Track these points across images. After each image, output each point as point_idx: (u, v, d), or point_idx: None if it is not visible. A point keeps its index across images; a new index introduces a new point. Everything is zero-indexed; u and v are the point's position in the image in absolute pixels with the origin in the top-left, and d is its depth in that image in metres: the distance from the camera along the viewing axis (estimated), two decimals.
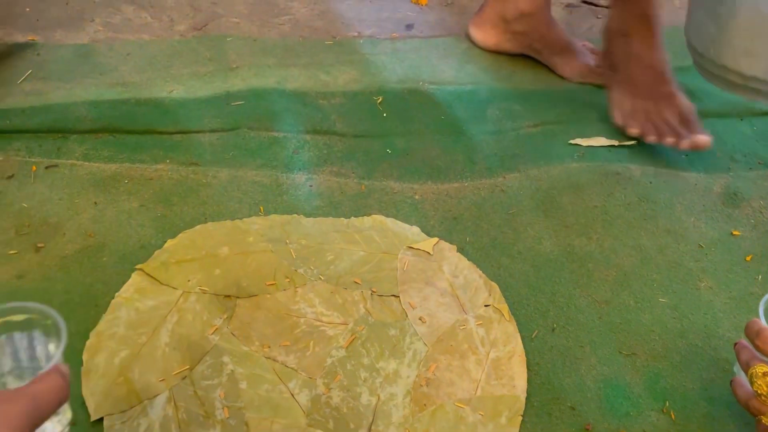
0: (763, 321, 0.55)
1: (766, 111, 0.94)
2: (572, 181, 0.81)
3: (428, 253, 0.72)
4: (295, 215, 0.74)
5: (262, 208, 0.75)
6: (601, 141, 0.87)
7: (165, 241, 0.68)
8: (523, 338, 0.64)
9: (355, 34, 1.06)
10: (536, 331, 0.65)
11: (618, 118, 0.89)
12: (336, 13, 1.10)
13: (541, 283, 0.69)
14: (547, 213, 0.77)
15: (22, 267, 0.64)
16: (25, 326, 0.46)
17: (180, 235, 0.69)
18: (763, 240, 0.74)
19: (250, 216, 0.73)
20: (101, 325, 0.59)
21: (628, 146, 0.87)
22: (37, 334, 0.47)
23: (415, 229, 0.75)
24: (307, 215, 0.74)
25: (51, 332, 0.46)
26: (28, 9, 0.96)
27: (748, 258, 0.72)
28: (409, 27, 1.09)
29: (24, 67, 0.87)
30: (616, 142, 0.87)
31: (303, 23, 1.06)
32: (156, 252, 0.67)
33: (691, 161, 0.85)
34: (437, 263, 0.71)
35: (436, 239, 0.73)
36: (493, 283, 0.69)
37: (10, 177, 0.72)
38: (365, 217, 0.76)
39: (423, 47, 1.04)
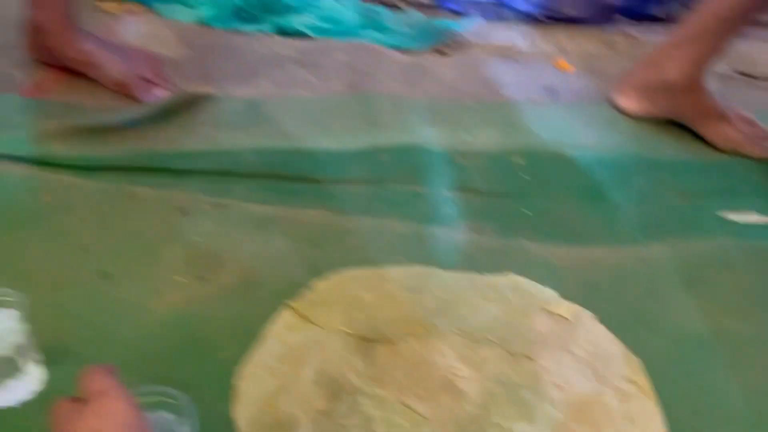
0: None
1: None
2: (724, 258, 0.78)
3: (565, 318, 0.71)
4: (435, 268, 0.77)
5: (402, 257, 0.78)
6: (755, 217, 0.83)
7: (313, 281, 0.73)
8: (663, 419, 0.61)
9: (499, 97, 1.09)
10: (677, 413, 0.61)
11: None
12: (481, 77, 1.14)
13: (685, 363, 0.66)
14: (697, 290, 0.74)
15: (189, 295, 0.71)
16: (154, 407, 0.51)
17: (327, 276, 0.73)
18: None
19: (390, 264, 0.77)
20: (254, 355, 0.64)
21: None
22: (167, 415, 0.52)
23: (552, 293, 0.74)
24: (445, 268, 0.77)
25: (182, 413, 0.51)
26: (210, 66, 1.08)
27: None
28: (553, 92, 1.11)
29: (202, 115, 0.98)
30: None
31: (449, 85, 1.11)
32: (305, 291, 0.72)
33: None
34: (574, 330, 0.70)
35: (573, 305, 0.72)
36: (633, 357, 0.66)
37: (186, 213, 0.81)
38: (501, 275, 0.77)
39: (566, 113, 1.05)
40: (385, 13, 1.34)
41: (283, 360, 0.64)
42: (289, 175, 0.88)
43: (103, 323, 0.67)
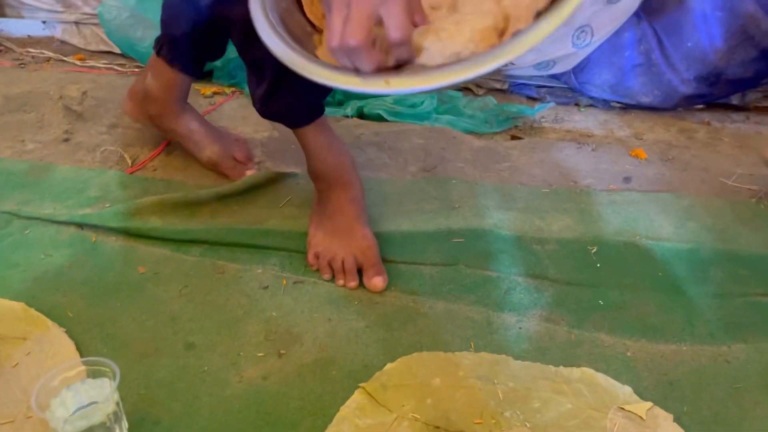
0: None
1: None
2: None
3: (641, 417, 0.69)
4: (504, 356, 0.77)
5: (473, 344, 0.79)
6: None
7: (385, 364, 0.74)
8: None
9: (572, 183, 1.10)
10: None
11: None
12: (554, 162, 1.16)
13: None
14: None
15: (267, 369, 0.74)
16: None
17: (399, 359, 0.75)
18: None
19: (461, 350, 0.77)
20: None
21: None
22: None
23: (628, 389, 0.73)
24: (515, 357, 0.77)
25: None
26: (293, 146, 1.15)
27: None
28: (627, 180, 1.11)
29: (285, 194, 1.04)
30: None
31: (521, 170, 1.13)
32: (377, 373, 0.73)
33: None
34: (651, 430, 0.68)
35: (650, 404, 0.70)
36: None
37: (265, 288, 0.86)
38: (574, 368, 0.76)
39: (641, 201, 1.04)
40: (459, 98, 1.40)
41: None
42: None
43: (187, 394, 0.70)
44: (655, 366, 0.76)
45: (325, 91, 0.93)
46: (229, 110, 1.27)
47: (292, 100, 0.87)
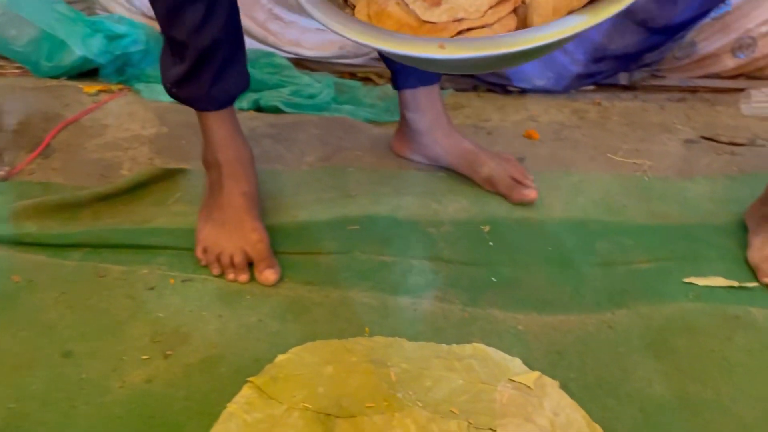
0: None
1: None
2: (687, 323, 0.78)
3: (529, 387, 0.71)
4: (398, 338, 0.77)
5: (367, 329, 0.78)
6: (720, 281, 0.84)
7: (276, 356, 0.73)
8: None
9: None
10: None
11: (753, 259, 0.86)
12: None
13: (649, 430, 0.66)
14: (659, 355, 0.74)
15: (151, 372, 0.71)
16: None
17: (290, 350, 0.73)
18: None
19: (356, 336, 0.77)
20: None
21: (749, 288, 0.82)
22: None
23: (517, 361, 0.74)
24: (410, 339, 0.77)
25: None
26: (183, 142, 1.12)
27: None
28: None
29: (174, 191, 1.00)
30: (736, 283, 0.83)
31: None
32: (267, 366, 0.71)
33: None
34: (538, 399, 0.69)
35: (537, 373, 0.72)
36: (596, 425, 0.66)
37: (152, 288, 0.82)
38: (466, 344, 0.77)
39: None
40: (359, 87, 1.40)
41: None
42: None
43: (62, 404, 0.66)
44: (544, 337, 0.78)
45: (244, 82, 0.90)
46: (115, 107, 1.22)
47: (207, 86, 0.85)
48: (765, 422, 0.65)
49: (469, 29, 0.57)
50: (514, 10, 0.57)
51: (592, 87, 1.47)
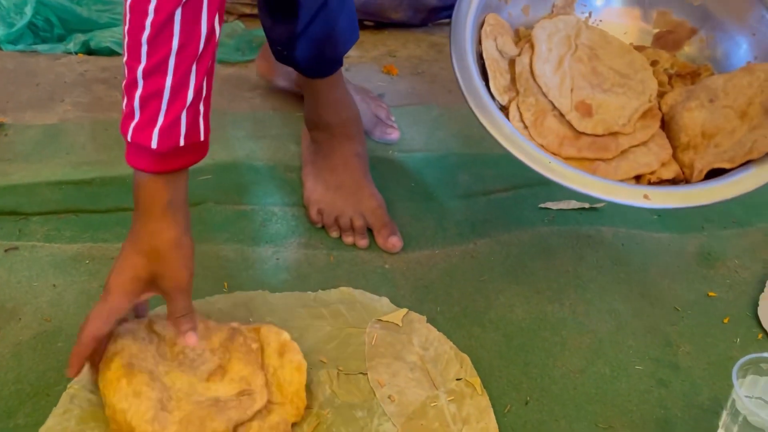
0: (737, 389, 0.53)
1: None
2: (543, 246, 0.80)
3: (397, 325, 0.70)
4: (261, 291, 0.72)
5: (226, 284, 0.73)
6: (572, 204, 0.87)
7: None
8: (496, 413, 0.61)
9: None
10: (509, 405, 0.62)
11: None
12: None
13: (513, 354, 0.67)
14: (519, 279, 0.76)
15: None
16: None
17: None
18: (739, 301, 0.73)
19: (213, 294, 0.71)
20: (51, 420, 0.56)
21: (599, 209, 0.86)
22: None
23: (384, 301, 0.73)
24: (274, 290, 0.73)
25: None
26: (1, 93, 0.97)
27: (725, 320, 0.70)
28: (380, 96, 1.10)
29: None
30: (587, 205, 0.87)
31: (274, 96, 1.07)
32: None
33: (663, 221, 0.84)
34: (407, 336, 0.69)
35: (405, 310, 0.71)
36: (464, 355, 0.66)
37: None
38: (333, 289, 0.74)
39: (394, 115, 1.04)
40: None
41: (87, 421, 0.57)
42: (95, 208, 0.80)
43: None
44: (411, 273, 0.77)
45: (351, 42, 0.82)
46: None
47: (318, 50, 0.77)
48: (616, 334, 0.69)
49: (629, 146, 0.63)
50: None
51: (448, 20, 1.45)
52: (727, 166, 0.60)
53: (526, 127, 0.65)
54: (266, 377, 0.60)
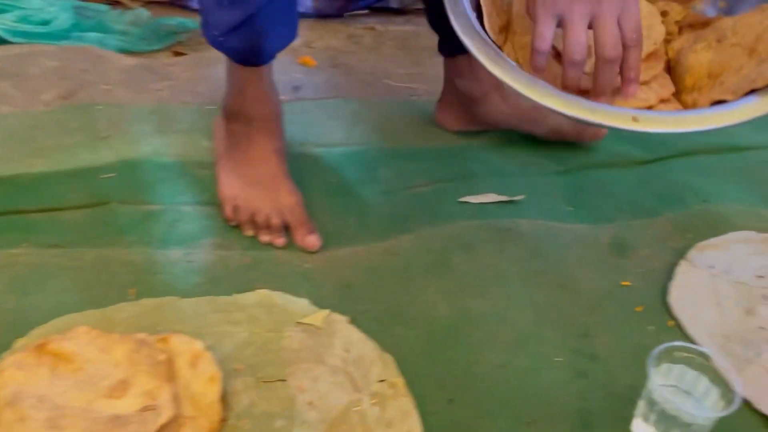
0: (652, 377, 0.54)
1: (649, 160, 0.98)
2: (464, 240, 0.80)
3: (318, 327, 0.67)
4: (171, 297, 0.68)
5: (132, 291, 0.68)
6: (491, 197, 0.87)
7: (14, 341, 0.60)
8: (420, 413, 0.60)
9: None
10: (433, 405, 0.61)
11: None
12: (219, 77, 1.05)
13: (437, 351, 0.66)
14: (441, 275, 0.75)
15: None
16: None
17: (31, 332, 0.61)
18: (652, 289, 0.75)
19: (118, 302, 0.66)
20: None
21: (517, 201, 0.87)
22: None
23: (304, 302, 0.70)
24: (185, 296, 0.68)
25: None
26: None
27: (638, 309, 0.72)
28: (296, 89, 1.07)
29: None
30: (506, 198, 0.87)
31: (184, 88, 1.01)
32: (4, 354, 0.58)
33: (578, 213, 0.86)
34: (328, 338, 0.66)
35: (326, 311, 0.69)
36: (387, 356, 0.65)
37: None
38: (249, 292, 0.70)
39: (311, 109, 1.02)
40: (106, 12, 1.20)
41: None
42: None
43: None
44: (332, 272, 0.75)
45: (292, 37, 0.78)
46: None
47: (259, 39, 0.74)
48: (536, 326, 0.69)
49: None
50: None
51: (365, 11, 1.43)
52: (729, 98, 0.56)
53: (520, 66, 0.61)
54: (176, 390, 0.56)
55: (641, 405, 0.57)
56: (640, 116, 0.56)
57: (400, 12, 1.46)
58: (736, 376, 0.54)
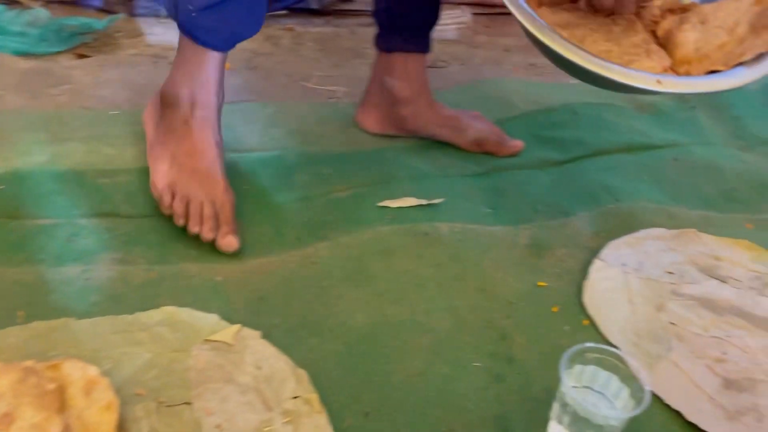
0: (565, 380, 0.53)
1: (564, 160, 0.99)
2: (382, 246, 0.78)
3: (228, 344, 0.64)
4: (65, 319, 0.63)
5: (22, 313, 0.63)
6: (410, 201, 0.86)
7: None
8: (335, 429, 0.57)
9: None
10: (349, 420, 0.59)
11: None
12: (126, 81, 1.01)
13: (353, 363, 0.64)
14: (359, 283, 0.73)
15: None
16: None
17: None
18: (567, 289, 0.75)
19: (5, 327, 0.61)
20: None
21: (437, 204, 0.86)
22: None
23: (213, 318, 0.67)
24: (82, 316, 0.64)
25: None
26: None
27: (554, 309, 0.72)
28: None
29: None
30: (425, 201, 0.86)
31: (85, 92, 0.95)
32: None
33: (497, 215, 0.86)
34: (239, 355, 0.63)
35: (237, 326, 0.66)
36: (301, 371, 0.62)
37: None
38: (153, 310, 0.66)
39: (225, 113, 0.96)
40: (2, 13, 1.12)
41: None
42: None
43: None
44: (245, 284, 0.71)
45: (257, 28, 0.80)
46: None
47: (231, 23, 0.76)
48: (454, 331, 0.68)
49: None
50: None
51: (284, 12, 1.40)
52: (722, 68, 0.67)
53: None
54: (68, 421, 0.52)
55: (555, 408, 0.56)
56: (663, 79, 0.64)
57: (319, 13, 1.43)
58: (645, 375, 0.54)
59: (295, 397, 0.60)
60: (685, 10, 0.77)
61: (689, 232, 0.84)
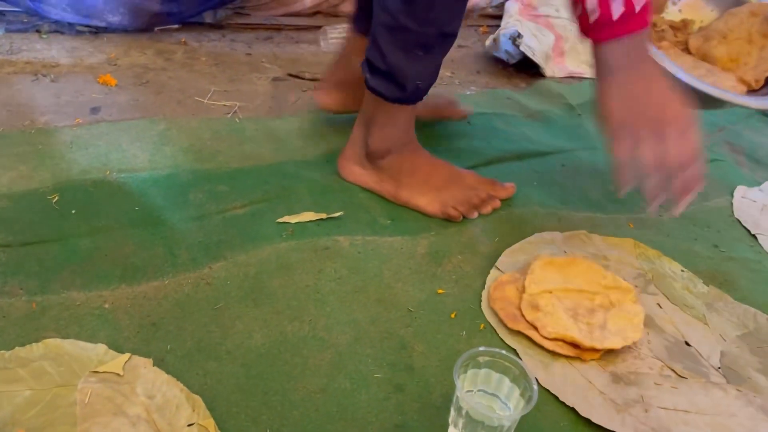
0: (458, 385, 0.55)
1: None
2: (282, 263, 0.77)
3: (118, 374, 0.61)
4: None
5: None
6: (310, 216, 0.85)
7: None
8: None
9: (27, 122, 0.92)
10: None
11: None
12: (2, 100, 0.94)
13: (252, 384, 0.63)
14: (258, 301, 0.72)
15: None
16: None
17: None
18: (464, 294, 0.77)
19: None
20: None
21: (336, 218, 0.86)
22: None
23: (101, 348, 0.63)
24: None
25: None
26: None
27: (452, 315, 0.74)
28: (95, 110, 0.98)
29: None
30: (324, 215, 0.86)
31: None
32: None
33: (396, 226, 0.87)
34: (129, 385, 0.60)
35: (127, 355, 0.63)
36: (196, 397, 0.60)
37: None
38: (35, 344, 0.62)
39: (111, 132, 0.93)
40: None
41: None
42: None
43: None
44: (136, 310, 0.68)
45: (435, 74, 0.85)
46: None
47: (434, 77, 0.85)
48: (355, 345, 0.69)
49: None
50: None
51: (177, 26, 1.36)
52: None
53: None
54: None
55: (452, 412, 0.58)
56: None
57: (214, 27, 1.41)
58: (532, 375, 0.56)
59: (191, 425, 0.58)
60: (684, 24, 1.01)
61: (580, 234, 0.89)
